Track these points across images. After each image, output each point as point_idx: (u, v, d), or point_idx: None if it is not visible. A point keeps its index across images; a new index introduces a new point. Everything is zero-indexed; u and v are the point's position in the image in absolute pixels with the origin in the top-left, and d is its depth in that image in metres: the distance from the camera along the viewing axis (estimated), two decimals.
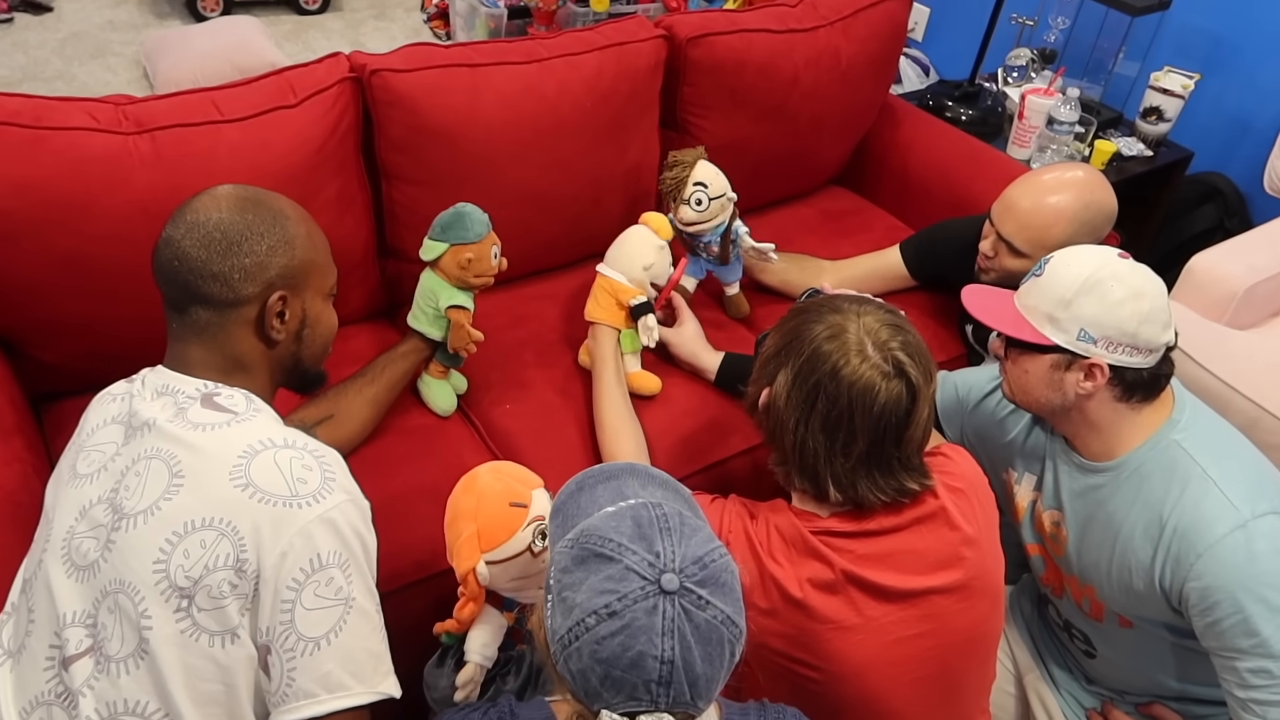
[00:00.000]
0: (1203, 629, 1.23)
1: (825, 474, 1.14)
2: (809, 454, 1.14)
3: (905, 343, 1.13)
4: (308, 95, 1.59)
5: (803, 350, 1.14)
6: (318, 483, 0.98)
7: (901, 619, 1.15)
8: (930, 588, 1.15)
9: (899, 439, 1.13)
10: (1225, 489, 1.22)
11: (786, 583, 1.13)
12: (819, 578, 1.13)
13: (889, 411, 1.11)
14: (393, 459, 1.56)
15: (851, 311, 1.15)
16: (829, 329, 1.13)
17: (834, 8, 2.11)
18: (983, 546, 1.19)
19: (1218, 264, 2.13)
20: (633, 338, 1.68)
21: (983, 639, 1.23)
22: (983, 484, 1.25)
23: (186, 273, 1.04)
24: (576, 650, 0.82)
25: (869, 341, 1.12)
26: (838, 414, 1.11)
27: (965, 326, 1.95)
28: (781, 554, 1.15)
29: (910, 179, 2.31)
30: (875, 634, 1.14)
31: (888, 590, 1.14)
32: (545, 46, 1.80)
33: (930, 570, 1.15)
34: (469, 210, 1.54)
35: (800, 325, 1.17)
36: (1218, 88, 2.57)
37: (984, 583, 1.19)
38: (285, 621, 0.95)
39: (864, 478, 1.13)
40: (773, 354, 1.19)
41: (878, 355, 1.11)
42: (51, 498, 1.09)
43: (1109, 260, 1.25)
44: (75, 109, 1.46)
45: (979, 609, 1.19)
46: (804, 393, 1.13)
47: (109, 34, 3.67)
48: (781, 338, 1.19)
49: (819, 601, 1.13)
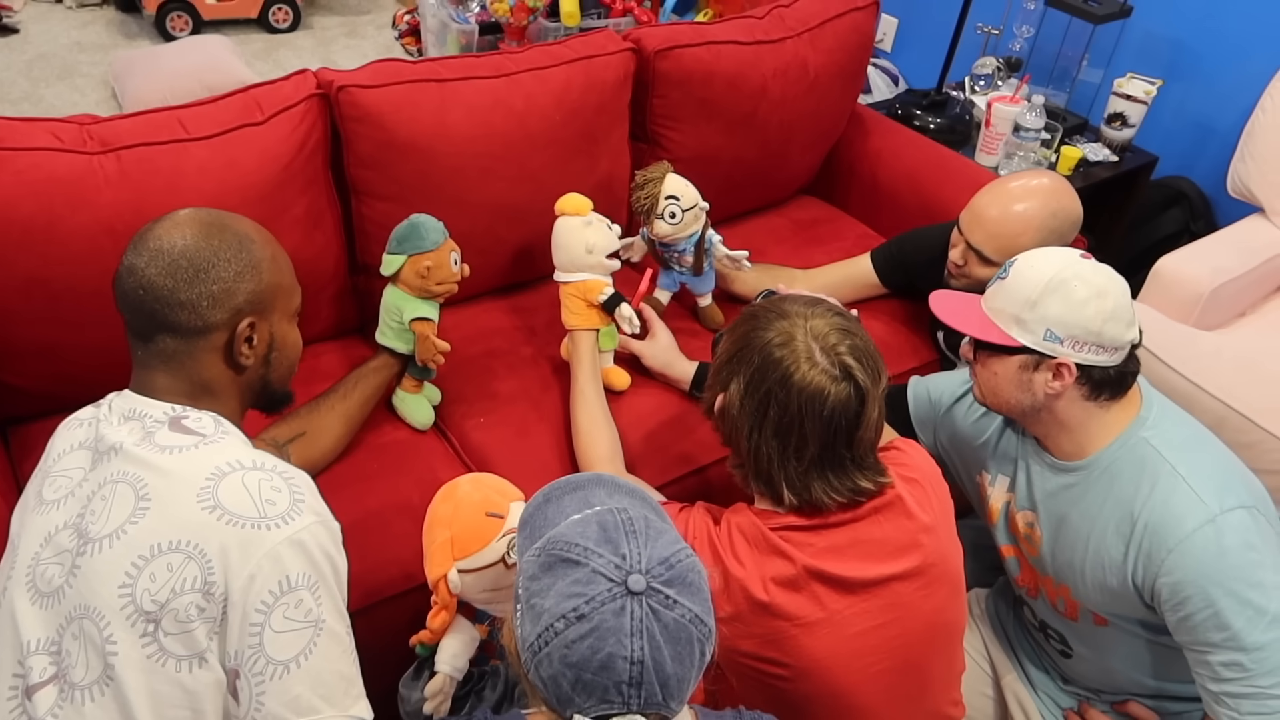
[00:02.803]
0: (1175, 624, 1.24)
1: (779, 478, 1.16)
2: (763, 459, 1.16)
3: (853, 346, 1.15)
4: (275, 112, 1.58)
5: (753, 358, 1.16)
6: (286, 504, 0.97)
7: (864, 610, 1.16)
8: (891, 574, 1.17)
9: (850, 440, 1.15)
10: (1194, 485, 1.24)
11: (750, 584, 1.14)
12: (781, 574, 1.15)
13: (838, 415, 1.13)
14: (367, 475, 1.55)
15: (800, 316, 1.17)
16: (778, 335, 1.15)
17: (801, 19, 2.13)
18: (939, 534, 1.22)
19: (1184, 266, 2.16)
20: (611, 335, 1.68)
21: (945, 627, 1.24)
22: (936, 475, 1.28)
23: (153, 301, 1.02)
24: (547, 656, 0.82)
25: (816, 347, 1.14)
26: (789, 420, 1.13)
27: (937, 333, 1.96)
28: (744, 554, 1.16)
29: (880, 187, 2.33)
30: (839, 627, 1.16)
31: (849, 581, 1.15)
32: (513, 61, 1.80)
33: (890, 557, 1.17)
34: (422, 220, 1.54)
35: (750, 331, 1.19)
36: (1180, 93, 2.61)
37: (942, 569, 1.21)
38: (254, 645, 0.93)
39: (817, 480, 1.15)
40: (725, 360, 1.21)
41: (825, 360, 1.13)
42: (17, 525, 1.07)
43: (1072, 261, 1.27)
44: (39, 129, 1.45)
45: (939, 595, 1.21)
46: (756, 400, 1.15)
47: (76, 55, 3.64)
48: (733, 344, 1.21)
49: (783, 599, 1.14)
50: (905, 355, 1.94)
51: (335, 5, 4.24)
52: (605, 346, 1.69)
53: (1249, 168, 2.30)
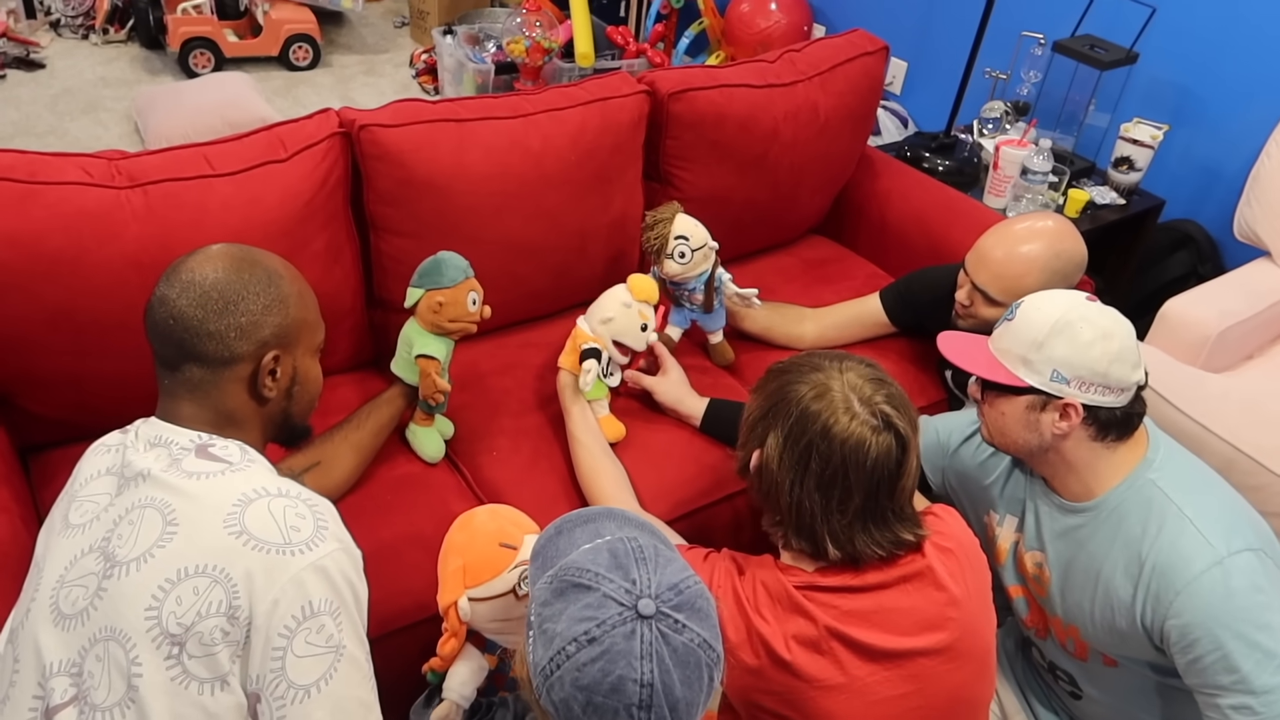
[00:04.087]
0: (1184, 666, 1.24)
1: (823, 532, 1.15)
2: (805, 514, 1.15)
3: (889, 395, 1.15)
4: (298, 150, 1.62)
5: (790, 411, 1.15)
6: (310, 531, 0.99)
7: (886, 679, 1.15)
8: (915, 649, 1.15)
9: (892, 490, 1.14)
10: (1201, 527, 1.25)
11: (773, 640, 1.13)
12: (803, 634, 1.13)
13: (881, 465, 1.12)
14: (381, 506, 1.56)
15: (833, 369, 1.17)
16: (814, 389, 1.15)
17: (812, 63, 2.17)
18: (970, 607, 1.19)
19: (1191, 309, 2.17)
20: (598, 386, 1.69)
21: (969, 702, 1.22)
22: (973, 545, 1.26)
23: (182, 331, 1.05)
24: (559, 679, 0.83)
25: (854, 398, 1.14)
26: (832, 472, 1.13)
27: (945, 372, 1.98)
28: (768, 610, 1.15)
29: (889, 228, 2.35)
30: (860, 694, 1.14)
31: (872, 649, 1.14)
32: (530, 102, 1.84)
33: (916, 631, 1.15)
34: (446, 257, 1.57)
35: (784, 386, 1.18)
36: (1187, 137, 2.64)
37: (970, 644, 1.19)
38: (276, 669, 0.95)
39: (860, 532, 1.14)
40: (760, 416, 1.20)
41: (865, 411, 1.13)
42: (42, 547, 1.09)
43: (1078, 303, 1.29)
44: (69, 164, 1.49)
45: (965, 671, 1.19)
46: (796, 454, 1.14)
47: (101, 90, 3.72)
48: (765, 399, 1.20)
49: (805, 660, 1.13)
50: (913, 394, 1.93)
51: (354, 44, 4.33)
52: (594, 395, 1.69)
53: (1255, 212, 2.33)
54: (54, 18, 4.10)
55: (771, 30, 3.55)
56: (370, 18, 4.55)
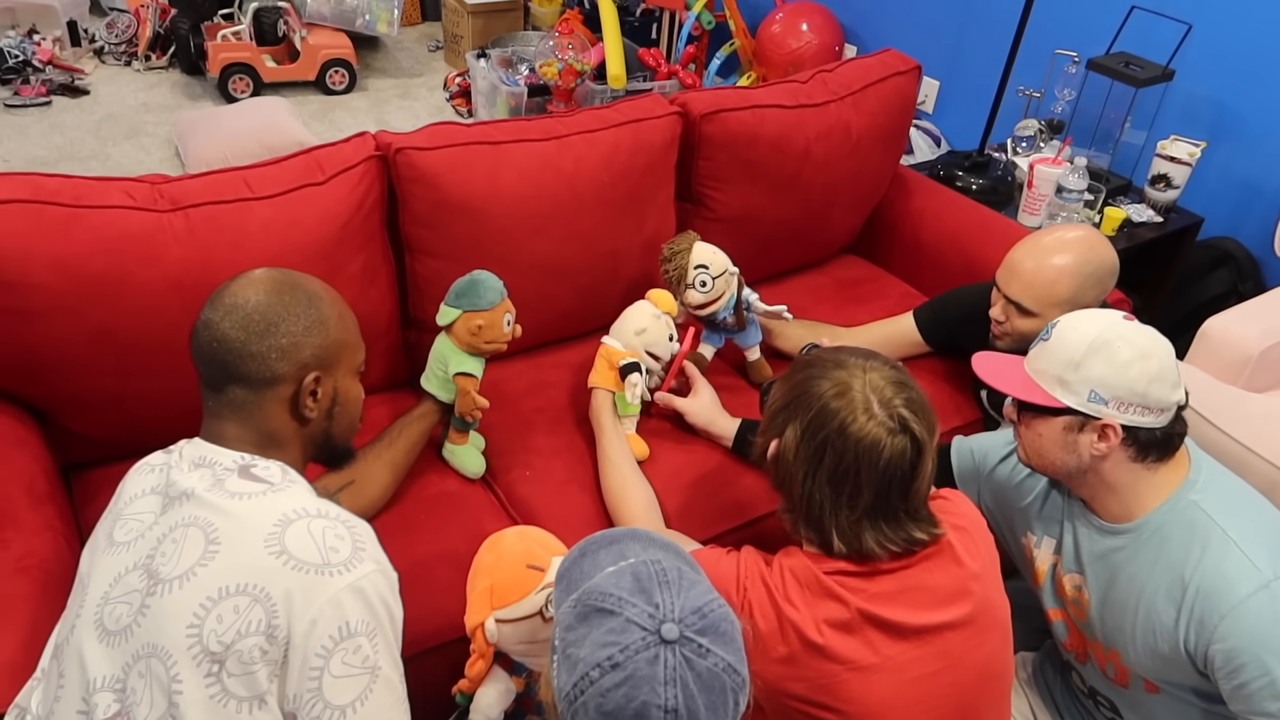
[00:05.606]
0: (1230, 692, 1.22)
1: (830, 525, 1.17)
2: (815, 505, 1.18)
3: (909, 400, 1.16)
4: (335, 173, 1.65)
5: (810, 406, 1.17)
6: (349, 552, 1.01)
7: (917, 657, 1.16)
8: (943, 623, 1.17)
9: (905, 492, 1.16)
10: (1246, 549, 1.22)
11: (804, 626, 1.14)
12: (835, 617, 1.15)
13: (894, 466, 1.14)
14: (414, 525, 1.57)
15: (857, 367, 1.18)
16: (835, 386, 1.17)
17: (844, 83, 2.17)
18: (987, 581, 1.22)
19: (1232, 327, 2.13)
20: (626, 401, 1.70)
21: (998, 676, 1.24)
22: (981, 523, 1.28)
23: (225, 353, 1.07)
24: (583, 705, 0.83)
25: (874, 399, 1.15)
26: (844, 468, 1.15)
27: (980, 392, 1.96)
28: (797, 596, 1.17)
29: (923, 247, 2.34)
30: (893, 673, 1.15)
31: (902, 627, 1.15)
32: (563, 124, 1.86)
33: (941, 605, 1.17)
34: (483, 278, 1.58)
35: (807, 380, 1.20)
36: (1225, 154, 2.61)
37: (992, 617, 1.21)
38: (313, 689, 0.96)
39: (869, 529, 1.16)
40: (780, 407, 1.22)
41: (883, 412, 1.14)
42: (87, 564, 1.11)
43: (1115, 322, 1.28)
44: (113, 188, 1.52)
45: (990, 643, 1.21)
46: (811, 448, 1.17)
47: (143, 115, 3.80)
48: (788, 391, 1.22)
49: (837, 642, 1.14)
50: (948, 414, 1.94)
51: (389, 68, 4.39)
52: (625, 412, 1.71)
53: None
54: (98, 45, 4.21)
55: (803, 51, 3.56)
56: (405, 42, 4.62)
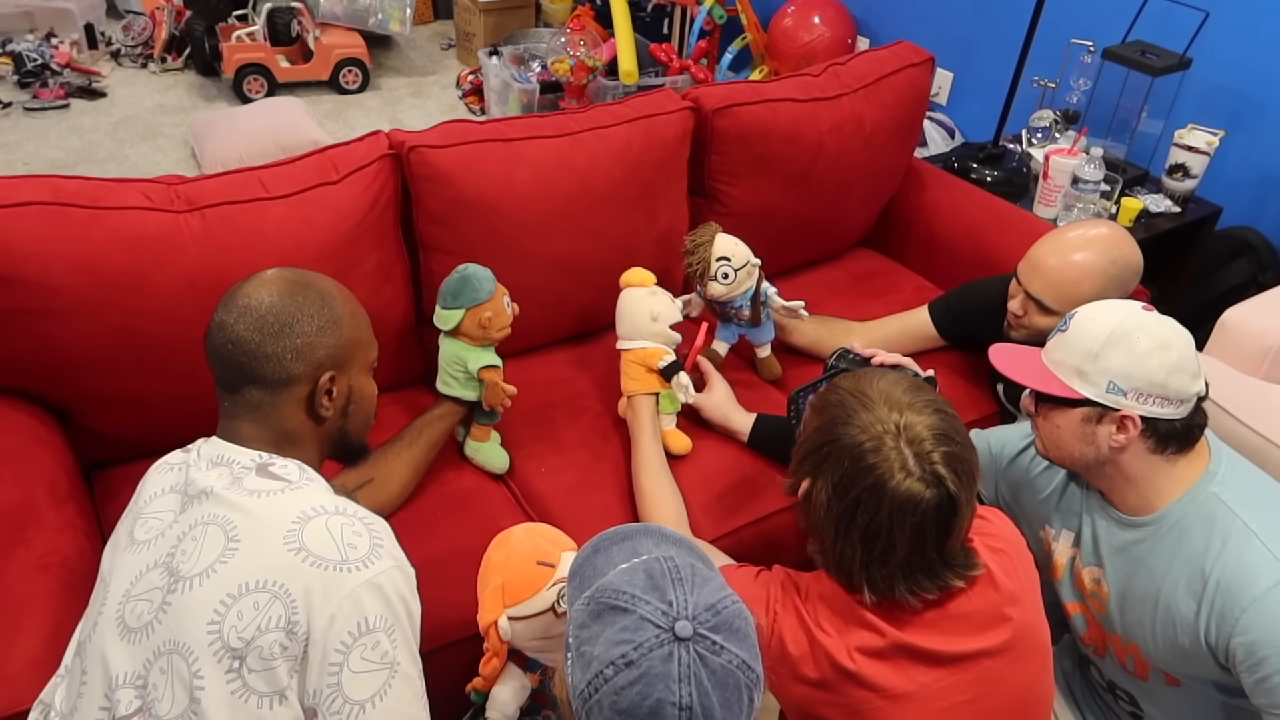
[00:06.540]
0: (1252, 686, 1.21)
1: (861, 577, 1.13)
2: (847, 559, 1.13)
3: (948, 454, 1.09)
4: (349, 172, 1.65)
5: (843, 462, 1.11)
6: (367, 549, 1.01)
7: (953, 684, 1.13)
8: (980, 650, 1.14)
9: (940, 545, 1.11)
10: (1267, 541, 1.21)
11: (837, 653, 1.12)
12: (869, 645, 1.13)
13: (929, 522, 1.09)
14: (431, 522, 1.58)
15: (895, 409, 1.11)
16: (870, 439, 1.10)
17: (857, 76, 2.16)
18: (1026, 604, 1.18)
19: (1252, 318, 2.11)
20: (671, 398, 1.70)
21: (1036, 703, 1.20)
22: (1021, 544, 1.25)
23: (240, 355, 1.08)
24: (597, 703, 0.83)
25: (910, 454, 1.08)
26: (876, 527, 1.10)
27: (996, 385, 1.95)
28: (829, 624, 1.15)
29: (937, 240, 2.33)
30: (927, 701, 1.13)
31: (937, 655, 1.13)
32: (575, 120, 1.86)
33: (978, 631, 1.14)
34: (472, 271, 1.59)
35: (837, 425, 1.13)
36: (1244, 143, 2.59)
37: (1031, 643, 1.18)
38: (332, 684, 0.97)
39: (902, 581, 1.12)
40: (811, 450, 1.16)
41: (919, 468, 1.08)
42: (108, 563, 1.12)
43: (1134, 313, 1.27)
44: (130, 189, 1.53)
45: (1030, 670, 1.18)
46: (844, 505, 1.11)
47: (159, 117, 3.83)
48: (819, 432, 1.15)
49: (870, 669, 1.12)
50: (965, 408, 1.93)
51: (402, 67, 4.41)
52: (666, 409, 1.71)
53: None
54: (114, 48, 4.25)
55: (815, 44, 3.55)
56: (418, 41, 4.64)
